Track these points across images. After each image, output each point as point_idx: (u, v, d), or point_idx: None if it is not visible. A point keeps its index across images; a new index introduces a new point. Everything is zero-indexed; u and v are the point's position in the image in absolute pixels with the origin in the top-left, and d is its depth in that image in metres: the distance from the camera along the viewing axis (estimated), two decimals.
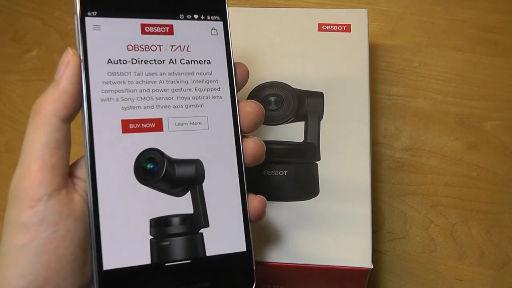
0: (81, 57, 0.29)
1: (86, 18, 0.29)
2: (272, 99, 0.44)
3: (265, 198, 0.32)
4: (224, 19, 0.32)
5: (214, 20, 0.32)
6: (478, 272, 0.46)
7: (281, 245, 0.38)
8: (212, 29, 0.32)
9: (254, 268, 0.31)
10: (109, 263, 0.28)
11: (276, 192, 0.40)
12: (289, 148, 0.42)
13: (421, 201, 0.49)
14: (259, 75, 0.45)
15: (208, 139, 0.31)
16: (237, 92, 0.32)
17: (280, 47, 0.47)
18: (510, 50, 0.57)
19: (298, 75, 0.45)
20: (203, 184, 0.31)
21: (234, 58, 0.33)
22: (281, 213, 0.39)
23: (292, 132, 0.43)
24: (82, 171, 0.29)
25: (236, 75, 0.32)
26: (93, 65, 0.29)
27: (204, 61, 0.32)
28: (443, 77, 0.56)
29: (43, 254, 0.26)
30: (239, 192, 0.31)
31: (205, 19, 0.32)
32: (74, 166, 0.29)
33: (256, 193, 0.32)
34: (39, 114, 0.27)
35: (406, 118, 0.54)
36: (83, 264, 0.27)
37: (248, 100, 0.32)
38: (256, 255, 0.37)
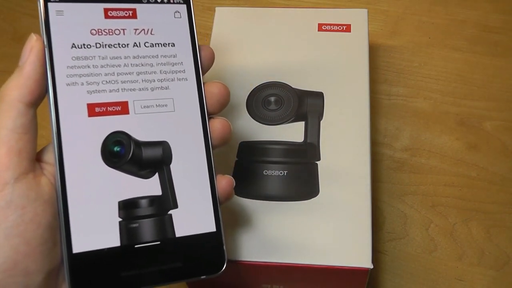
0: (45, 43, 0.29)
1: (49, 4, 0.30)
2: (272, 99, 0.44)
3: (233, 178, 0.32)
4: (187, 1, 0.33)
5: (177, 3, 0.32)
6: (478, 272, 0.46)
7: (281, 245, 0.38)
8: (176, 12, 0.32)
9: (224, 248, 0.31)
10: (78, 246, 0.28)
11: (276, 192, 0.40)
12: (289, 148, 0.42)
13: (421, 201, 0.49)
14: (259, 75, 0.45)
15: (174, 120, 0.31)
16: (202, 74, 0.32)
17: (280, 47, 0.47)
18: (510, 50, 0.57)
19: (298, 75, 0.45)
20: (171, 165, 0.31)
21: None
22: (281, 213, 0.39)
23: (292, 132, 0.43)
24: (50, 156, 0.29)
25: (201, 57, 0.32)
26: (57, 50, 0.29)
27: (169, 44, 0.32)
28: (443, 77, 0.56)
29: (11, 237, 0.26)
30: (207, 173, 0.31)
31: (168, 2, 0.32)
32: (42, 151, 0.30)
33: (257, 193, 0.32)
34: (4, 100, 0.28)
35: (406, 118, 0.54)
36: (52, 246, 0.28)
37: (213, 81, 0.33)
38: (257, 255, 0.37)
